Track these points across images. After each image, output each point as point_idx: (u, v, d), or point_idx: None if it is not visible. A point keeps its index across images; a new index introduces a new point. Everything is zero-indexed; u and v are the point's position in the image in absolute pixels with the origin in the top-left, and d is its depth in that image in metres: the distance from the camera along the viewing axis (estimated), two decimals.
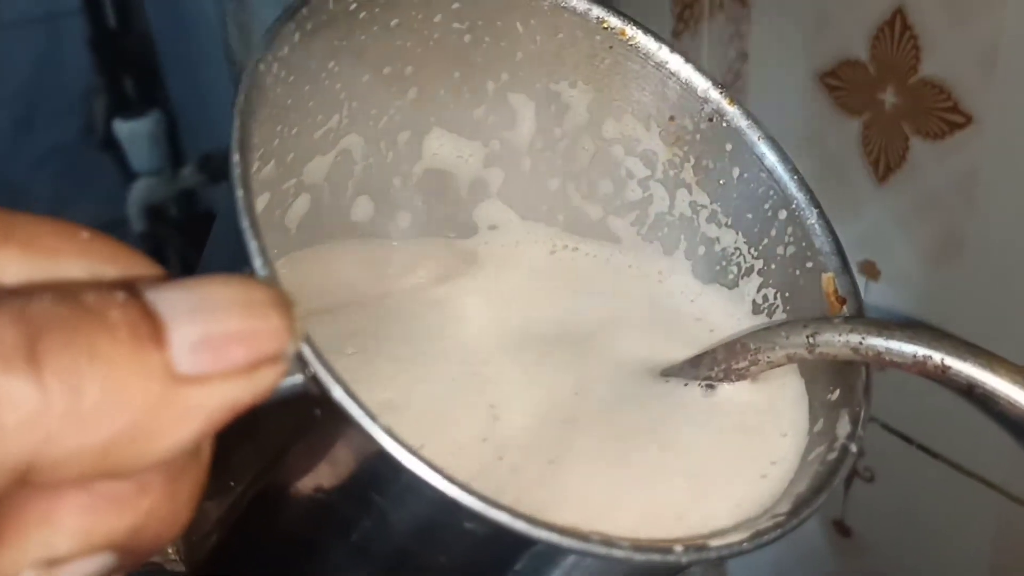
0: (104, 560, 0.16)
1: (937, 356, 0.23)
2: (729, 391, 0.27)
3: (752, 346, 0.26)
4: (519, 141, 0.32)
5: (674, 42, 0.54)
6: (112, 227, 1.22)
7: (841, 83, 0.46)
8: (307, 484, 0.22)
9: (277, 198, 0.28)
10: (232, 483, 0.23)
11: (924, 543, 0.51)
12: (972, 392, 0.23)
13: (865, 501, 0.54)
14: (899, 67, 0.43)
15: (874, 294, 0.48)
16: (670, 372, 0.28)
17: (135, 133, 1.22)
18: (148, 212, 1.23)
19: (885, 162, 0.45)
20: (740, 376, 0.27)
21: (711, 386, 0.27)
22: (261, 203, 0.27)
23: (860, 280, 0.48)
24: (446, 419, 0.27)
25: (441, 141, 0.31)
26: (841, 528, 0.56)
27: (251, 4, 1.01)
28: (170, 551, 0.27)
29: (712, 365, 0.27)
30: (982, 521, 0.47)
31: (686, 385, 0.28)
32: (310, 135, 0.28)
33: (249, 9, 1.02)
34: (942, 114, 0.42)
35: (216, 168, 1.18)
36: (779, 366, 0.26)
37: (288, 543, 0.24)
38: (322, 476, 0.21)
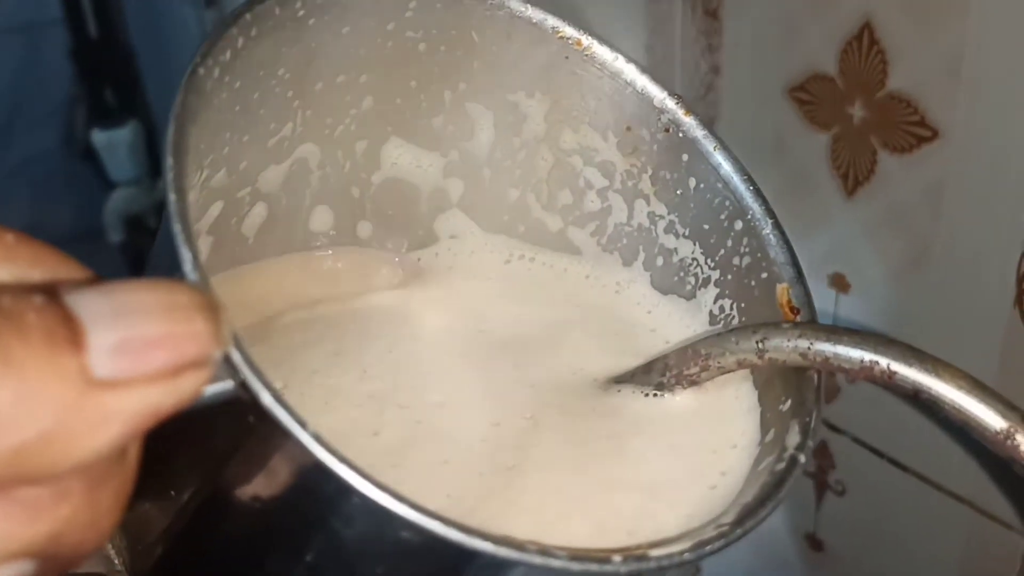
0: (22, 568, 0.16)
1: (883, 362, 0.23)
2: (681, 402, 0.28)
3: (703, 352, 0.26)
4: (478, 151, 0.32)
5: (647, 56, 0.55)
6: (90, 237, 1.21)
7: (810, 97, 0.46)
8: (248, 493, 0.22)
9: (232, 206, 0.28)
10: (173, 492, 0.23)
11: (895, 556, 0.52)
12: (918, 396, 0.23)
13: (837, 515, 0.54)
14: (867, 81, 0.43)
15: (844, 306, 0.48)
16: (623, 379, 0.28)
17: (114, 143, 1.22)
18: (126, 222, 1.22)
19: (854, 175, 0.45)
20: (691, 382, 0.27)
21: (662, 396, 0.27)
22: (215, 211, 0.27)
23: (830, 293, 0.48)
24: (406, 426, 0.27)
25: (400, 151, 0.31)
26: (813, 542, 0.56)
27: None
28: (116, 562, 0.27)
29: (664, 371, 0.27)
30: (951, 534, 0.47)
31: (640, 395, 0.28)
32: (263, 143, 0.28)
33: None
34: (909, 128, 0.42)
35: None
36: (730, 372, 0.26)
37: (233, 553, 0.24)
38: (261, 485, 0.21)
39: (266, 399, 0.18)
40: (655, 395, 0.28)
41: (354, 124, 0.30)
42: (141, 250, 1.23)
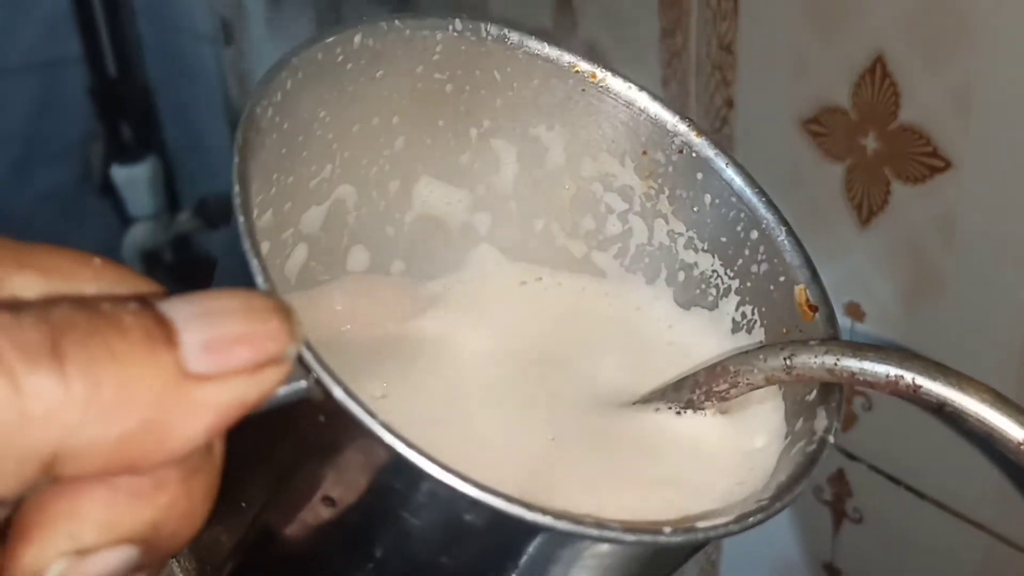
0: (127, 553, 0.18)
1: (909, 376, 0.24)
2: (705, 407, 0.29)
3: (732, 369, 0.27)
4: (504, 185, 0.33)
5: (662, 90, 0.56)
6: None
7: (824, 129, 0.47)
8: (318, 499, 0.23)
9: (277, 247, 0.29)
10: (244, 504, 0.24)
11: None
12: (942, 409, 0.24)
13: (854, 543, 0.54)
14: (880, 113, 0.44)
15: (860, 335, 0.49)
16: (652, 397, 0.29)
17: (132, 178, 1.24)
18: (143, 257, 1.24)
19: (868, 206, 0.46)
20: (721, 398, 0.28)
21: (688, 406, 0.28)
22: (262, 251, 0.28)
23: (845, 322, 0.49)
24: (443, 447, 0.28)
25: (430, 188, 0.32)
26: (831, 571, 0.56)
27: (250, 54, 1.03)
28: None
29: (694, 388, 0.28)
30: (969, 561, 0.48)
31: (665, 407, 0.29)
32: (305, 185, 0.29)
33: (248, 58, 1.03)
34: (922, 159, 0.43)
35: (212, 213, 1.19)
36: (758, 388, 0.27)
37: (305, 565, 0.25)
38: (331, 487, 0.22)
39: (338, 393, 0.20)
40: (676, 408, 0.29)
41: (388, 164, 0.31)
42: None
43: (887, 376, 0.24)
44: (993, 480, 0.45)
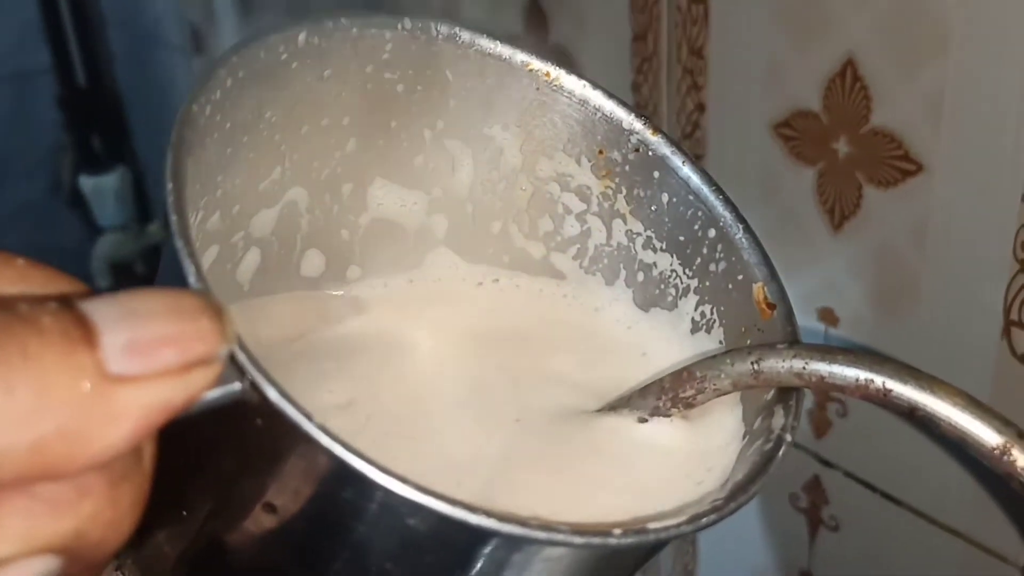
0: (48, 562, 0.17)
1: (879, 379, 0.23)
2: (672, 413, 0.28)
3: (699, 374, 0.26)
4: (459, 187, 0.32)
5: (633, 94, 0.55)
6: None
7: (795, 133, 0.47)
8: (260, 506, 0.22)
9: (226, 252, 0.28)
10: (185, 512, 0.23)
11: None
12: (914, 414, 0.23)
13: (831, 551, 0.54)
14: (851, 117, 0.44)
15: (833, 340, 0.49)
16: (618, 403, 0.29)
17: (101, 189, 1.22)
18: (113, 268, 1.23)
19: (840, 210, 0.46)
20: (688, 404, 0.27)
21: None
22: (210, 256, 0.27)
23: (819, 327, 0.49)
24: (402, 453, 0.27)
25: (385, 191, 0.32)
26: None
27: None
28: None
29: (660, 394, 0.27)
30: (945, 567, 0.47)
31: (626, 411, 0.28)
32: (254, 187, 0.28)
33: None
34: (893, 162, 0.43)
35: None
36: (726, 393, 0.26)
37: (251, 569, 0.24)
38: (273, 494, 0.22)
39: (272, 394, 0.19)
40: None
41: (340, 166, 0.30)
42: None
43: (856, 380, 0.23)
44: (970, 486, 0.45)
